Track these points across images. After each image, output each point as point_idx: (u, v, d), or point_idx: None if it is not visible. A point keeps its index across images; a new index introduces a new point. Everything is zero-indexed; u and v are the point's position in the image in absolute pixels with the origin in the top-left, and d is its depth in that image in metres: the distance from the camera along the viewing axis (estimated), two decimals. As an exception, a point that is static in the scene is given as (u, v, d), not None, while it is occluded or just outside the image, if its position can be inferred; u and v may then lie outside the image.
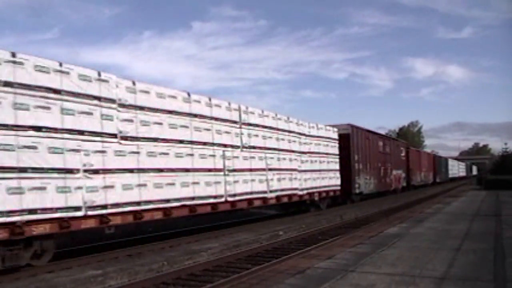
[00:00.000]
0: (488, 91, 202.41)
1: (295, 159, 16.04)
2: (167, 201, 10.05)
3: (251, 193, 13.11)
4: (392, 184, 28.87)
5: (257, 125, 13.88)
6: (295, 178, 15.80)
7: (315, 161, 17.63)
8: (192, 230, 12.54)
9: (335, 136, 19.91)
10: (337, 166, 19.71)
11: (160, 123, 10.14)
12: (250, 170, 13.14)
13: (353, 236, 11.86)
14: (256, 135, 13.78)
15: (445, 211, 17.80)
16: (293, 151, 15.95)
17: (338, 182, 19.65)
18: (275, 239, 11.59)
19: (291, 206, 16.95)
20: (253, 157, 13.38)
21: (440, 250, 8.67)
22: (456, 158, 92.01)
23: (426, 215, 15.92)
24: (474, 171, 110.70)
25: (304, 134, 16.99)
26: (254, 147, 13.55)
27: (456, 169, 74.19)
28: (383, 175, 26.42)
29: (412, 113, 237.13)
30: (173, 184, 10.22)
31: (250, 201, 13.18)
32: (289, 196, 15.42)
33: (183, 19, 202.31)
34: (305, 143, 16.96)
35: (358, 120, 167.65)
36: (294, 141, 16.17)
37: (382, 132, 46.41)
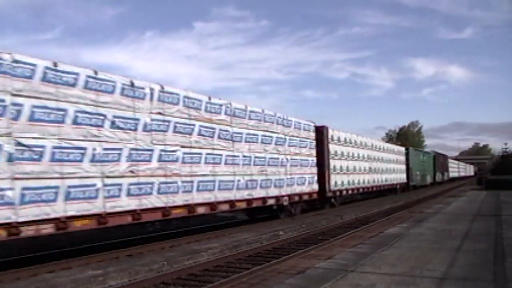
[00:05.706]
0: (488, 91, 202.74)
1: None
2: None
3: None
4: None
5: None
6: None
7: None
8: (193, 230, 12.53)
9: None
10: None
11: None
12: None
13: (353, 236, 11.86)
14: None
15: (445, 211, 17.79)
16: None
17: None
18: (275, 239, 11.59)
19: None
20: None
21: (440, 250, 8.66)
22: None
23: (426, 215, 15.92)
24: (463, 171, 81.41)
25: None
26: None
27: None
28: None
29: (412, 113, 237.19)
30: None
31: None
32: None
33: (185, 19, 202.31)
34: None
35: (358, 120, 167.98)
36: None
37: (382, 132, 40.64)
